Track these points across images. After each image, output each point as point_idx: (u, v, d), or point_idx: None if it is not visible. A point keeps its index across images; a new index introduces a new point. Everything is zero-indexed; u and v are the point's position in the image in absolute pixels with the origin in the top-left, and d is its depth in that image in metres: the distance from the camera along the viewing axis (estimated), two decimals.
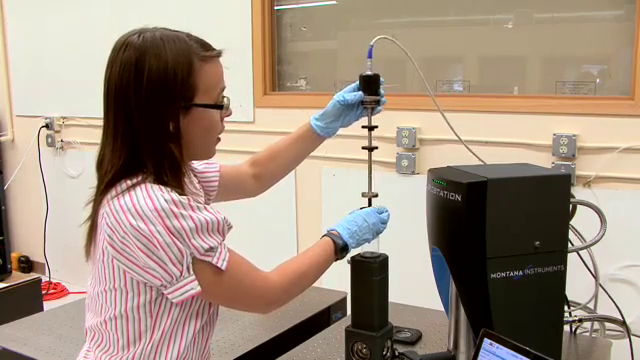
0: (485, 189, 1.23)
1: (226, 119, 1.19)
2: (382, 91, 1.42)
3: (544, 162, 2.41)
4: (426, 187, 1.38)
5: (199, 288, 1.07)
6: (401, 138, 2.74)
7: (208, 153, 1.19)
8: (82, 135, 3.85)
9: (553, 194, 1.29)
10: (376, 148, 1.39)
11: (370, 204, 1.37)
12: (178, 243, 1.03)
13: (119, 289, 1.10)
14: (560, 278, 1.31)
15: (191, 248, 1.04)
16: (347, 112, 1.44)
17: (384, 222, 1.34)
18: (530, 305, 1.30)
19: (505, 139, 2.54)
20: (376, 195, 1.38)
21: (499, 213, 1.24)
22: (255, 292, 1.15)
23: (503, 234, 1.25)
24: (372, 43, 1.40)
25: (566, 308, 1.52)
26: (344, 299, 1.96)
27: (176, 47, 1.09)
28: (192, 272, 1.06)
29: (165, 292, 1.07)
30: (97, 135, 1.13)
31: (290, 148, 1.48)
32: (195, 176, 1.32)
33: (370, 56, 1.40)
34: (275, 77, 3.19)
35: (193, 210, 1.05)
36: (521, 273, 1.27)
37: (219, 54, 1.15)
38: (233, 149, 3.23)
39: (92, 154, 1.14)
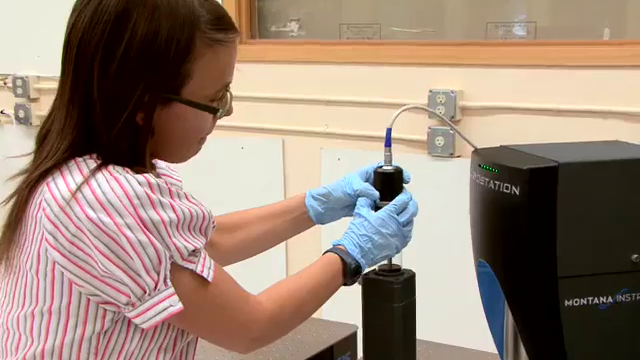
0: (555, 178, 1.23)
1: None
2: (407, 192, 1.39)
3: None
4: (470, 175, 1.38)
5: (180, 305, 1.07)
6: (435, 106, 2.73)
7: (182, 157, 1.22)
8: None
9: None
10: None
11: None
12: (155, 242, 1.04)
13: (56, 313, 1.09)
14: None
15: (172, 250, 1.05)
16: (354, 206, 1.40)
17: (407, 224, 1.35)
18: (623, 344, 1.30)
19: (587, 106, 2.53)
20: None
21: (576, 213, 1.24)
22: (238, 318, 1.17)
23: (582, 244, 1.25)
24: (390, 125, 1.35)
25: None
26: (353, 335, 1.96)
27: (176, 14, 1.09)
28: (170, 283, 1.06)
29: (131, 314, 1.07)
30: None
31: (269, 221, 1.49)
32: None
33: (389, 144, 1.37)
34: (255, 18, 3.19)
35: (173, 197, 1.06)
36: (610, 300, 1.27)
37: (236, 36, 1.16)
38: None
39: None
